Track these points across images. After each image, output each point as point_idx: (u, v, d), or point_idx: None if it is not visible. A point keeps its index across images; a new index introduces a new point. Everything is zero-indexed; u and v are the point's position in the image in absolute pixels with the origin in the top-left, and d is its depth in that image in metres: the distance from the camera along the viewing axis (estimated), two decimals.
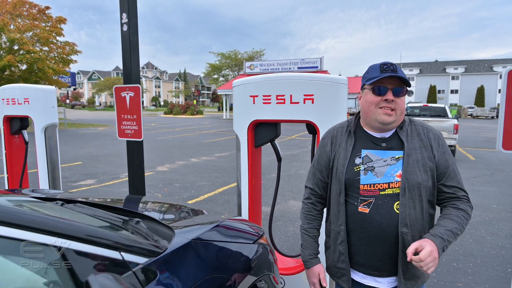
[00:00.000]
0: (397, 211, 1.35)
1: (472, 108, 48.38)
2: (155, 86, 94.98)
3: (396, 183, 1.36)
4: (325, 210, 1.60)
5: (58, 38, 25.79)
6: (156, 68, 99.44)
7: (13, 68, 22.94)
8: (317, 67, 35.10)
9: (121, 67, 3.06)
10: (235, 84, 2.39)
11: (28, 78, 24.42)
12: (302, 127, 3.45)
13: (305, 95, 2.17)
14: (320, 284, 1.52)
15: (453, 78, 67.06)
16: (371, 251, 1.40)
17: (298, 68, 35.75)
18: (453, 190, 1.40)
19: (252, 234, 1.73)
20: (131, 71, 2.79)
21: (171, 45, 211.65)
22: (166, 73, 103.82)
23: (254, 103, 2.32)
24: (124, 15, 2.72)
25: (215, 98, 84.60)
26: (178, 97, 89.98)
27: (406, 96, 1.43)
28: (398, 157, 1.39)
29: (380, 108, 1.37)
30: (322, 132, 2.11)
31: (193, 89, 76.07)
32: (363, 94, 1.45)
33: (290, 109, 2.22)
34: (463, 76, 66.38)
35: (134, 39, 2.78)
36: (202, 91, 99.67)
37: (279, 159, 2.47)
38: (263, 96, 2.29)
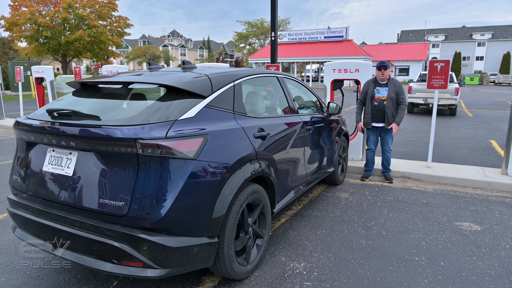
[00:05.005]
0: (385, 103, 4.90)
1: (495, 75, 49.43)
2: (181, 54, 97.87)
3: (385, 96, 4.90)
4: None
5: (113, 12, 29.29)
6: (181, 36, 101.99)
7: (81, 40, 26.80)
8: (342, 36, 37.32)
9: (146, 35, 6.40)
10: (326, 64, 5.92)
11: (92, 49, 28.31)
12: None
13: (355, 69, 5.69)
14: (361, 128, 5.13)
15: (479, 44, 66.82)
16: (377, 115, 4.99)
17: (325, 37, 38.08)
18: (400, 99, 4.92)
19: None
20: (275, 58, 6.36)
21: (190, 10, 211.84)
22: (191, 41, 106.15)
23: (334, 72, 5.86)
24: (273, 33, 6.22)
25: (238, 66, 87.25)
26: None
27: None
28: (386, 89, 4.92)
29: (379, 75, 4.91)
30: (362, 83, 5.62)
31: (221, 57, 78.57)
32: (376, 71, 4.98)
33: (350, 75, 5.75)
34: (489, 42, 66.03)
35: (276, 45, 6.31)
36: (225, 59, 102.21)
37: (343, 95, 6.03)
38: (338, 69, 5.82)
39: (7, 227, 3.67)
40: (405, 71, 49.36)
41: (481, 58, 66.84)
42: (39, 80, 9.92)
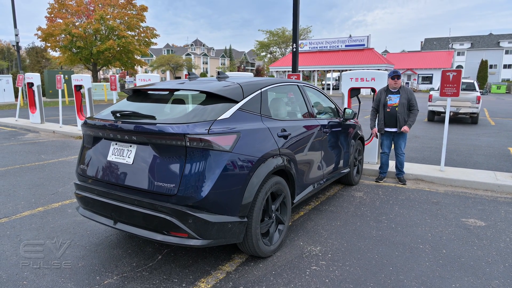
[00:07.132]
0: (397, 109, 5.28)
1: None
2: (203, 63, 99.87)
3: (397, 103, 5.29)
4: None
5: (141, 23, 30.67)
6: (204, 45, 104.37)
7: (111, 50, 28.23)
8: (364, 44, 37.44)
9: (170, 44, 6.81)
10: (344, 74, 6.35)
11: (121, 58, 29.68)
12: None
13: (371, 78, 6.09)
14: (376, 133, 5.52)
15: (507, 52, 65.00)
16: (389, 120, 5.37)
17: (346, 46, 38.30)
18: (411, 105, 5.30)
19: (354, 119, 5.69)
20: (296, 68, 6.85)
21: (213, 20, 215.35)
22: (213, 49, 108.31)
23: (351, 81, 6.28)
24: (294, 44, 6.72)
25: (259, 74, 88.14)
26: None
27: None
28: (398, 96, 5.32)
29: (392, 83, 5.31)
30: (377, 90, 6.01)
31: (242, 65, 79.76)
32: (388, 80, 5.38)
33: (366, 83, 6.16)
34: None
35: (297, 55, 6.81)
36: (246, 67, 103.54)
37: (359, 102, 6.43)
38: (355, 78, 6.24)
39: (63, 213, 4.29)
40: (428, 79, 48.67)
41: (509, 66, 64.90)
42: (78, 88, 10.81)
